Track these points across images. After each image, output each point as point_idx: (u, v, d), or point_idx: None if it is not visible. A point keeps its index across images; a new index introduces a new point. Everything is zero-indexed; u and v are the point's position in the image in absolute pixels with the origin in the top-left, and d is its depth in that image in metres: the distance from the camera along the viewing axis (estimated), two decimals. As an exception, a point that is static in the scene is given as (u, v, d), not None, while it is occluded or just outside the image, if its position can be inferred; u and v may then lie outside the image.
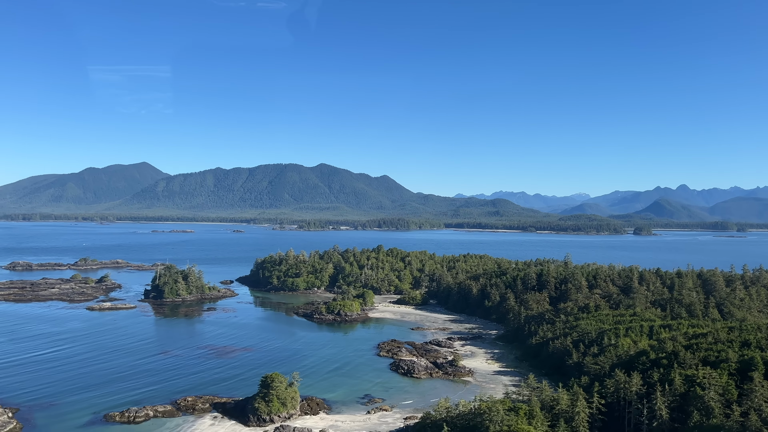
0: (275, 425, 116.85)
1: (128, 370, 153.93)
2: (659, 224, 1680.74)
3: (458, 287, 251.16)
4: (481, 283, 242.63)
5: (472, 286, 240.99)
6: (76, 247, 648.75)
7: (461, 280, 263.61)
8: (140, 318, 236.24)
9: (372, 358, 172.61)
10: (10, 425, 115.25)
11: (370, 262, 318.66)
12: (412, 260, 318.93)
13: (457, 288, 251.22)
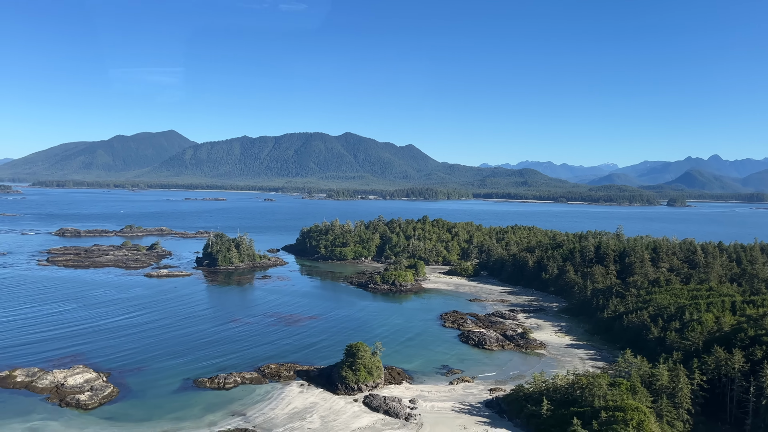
0: (363, 394, 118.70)
1: (206, 338, 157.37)
2: (691, 195, 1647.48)
3: (512, 259, 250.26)
4: (536, 256, 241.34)
5: (528, 259, 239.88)
6: (114, 214, 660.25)
7: (515, 252, 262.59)
8: (199, 285, 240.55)
9: (438, 329, 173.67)
10: (108, 389, 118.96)
11: (417, 232, 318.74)
12: (459, 231, 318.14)
13: (511, 260, 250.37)
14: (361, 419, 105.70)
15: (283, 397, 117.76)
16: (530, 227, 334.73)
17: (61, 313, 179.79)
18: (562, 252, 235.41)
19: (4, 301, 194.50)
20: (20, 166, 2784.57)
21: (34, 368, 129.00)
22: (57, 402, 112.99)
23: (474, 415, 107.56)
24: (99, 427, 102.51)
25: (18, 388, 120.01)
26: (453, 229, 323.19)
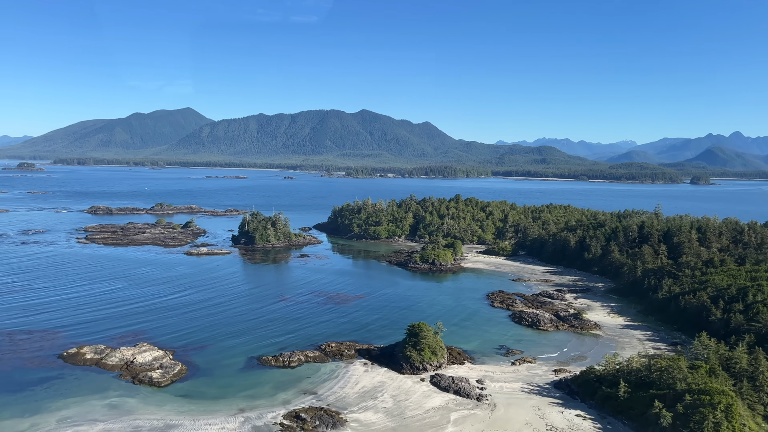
0: (429, 373, 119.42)
1: (262, 316, 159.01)
2: (713, 173, 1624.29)
3: (553, 239, 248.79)
4: (578, 235, 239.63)
5: (570, 238, 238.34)
6: (140, 192, 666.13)
7: (555, 232, 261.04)
8: (240, 264, 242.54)
9: (488, 309, 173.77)
10: (177, 367, 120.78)
11: (450, 211, 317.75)
12: (494, 210, 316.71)
13: (552, 239, 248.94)
14: (432, 399, 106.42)
15: (350, 375, 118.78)
16: (566, 206, 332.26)
17: (114, 291, 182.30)
18: (604, 231, 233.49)
19: (57, 279, 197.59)
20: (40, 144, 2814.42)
21: (100, 345, 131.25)
22: (130, 379, 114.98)
23: (545, 396, 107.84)
24: (176, 404, 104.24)
25: (88, 365, 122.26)
26: (487, 208, 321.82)
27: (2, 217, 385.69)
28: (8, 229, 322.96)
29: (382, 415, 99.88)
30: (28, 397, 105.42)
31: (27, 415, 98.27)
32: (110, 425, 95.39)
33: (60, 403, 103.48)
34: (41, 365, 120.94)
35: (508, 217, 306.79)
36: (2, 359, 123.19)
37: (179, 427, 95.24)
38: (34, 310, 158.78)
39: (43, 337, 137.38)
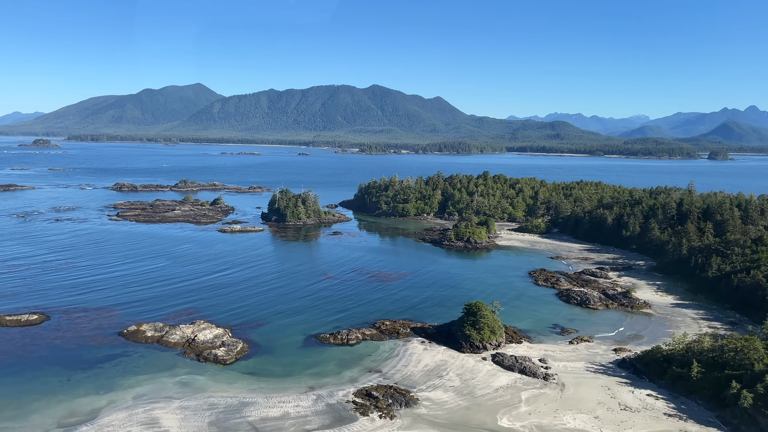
0: (489, 352, 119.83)
1: (310, 294, 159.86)
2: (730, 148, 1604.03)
3: (589, 216, 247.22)
4: (615, 213, 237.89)
5: (607, 216, 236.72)
6: (159, 169, 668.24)
7: (589, 209, 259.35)
8: (275, 241, 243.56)
9: (533, 287, 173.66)
10: (239, 345, 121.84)
11: (479, 188, 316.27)
12: (524, 187, 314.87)
13: (587, 217, 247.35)
14: (499, 378, 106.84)
15: (410, 354, 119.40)
16: (597, 183, 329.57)
17: (160, 269, 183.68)
18: (641, 209, 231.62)
19: (100, 256, 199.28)
20: (52, 120, 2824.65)
21: (158, 323, 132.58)
22: (194, 357, 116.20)
23: (611, 376, 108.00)
24: (245, 382, 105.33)
25: (150, 342, 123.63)
26: (516, 185, 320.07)
27: (30, 194, 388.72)
28: (39, 206, 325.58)
29: (452, 394, 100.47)
30: (99, 375, 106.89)
31: (102, 392, 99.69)
32: (185, 402, 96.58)
33: (132, 380, 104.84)
34: (104, 343, 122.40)
35: (538, 194, 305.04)
36: (65, 337, 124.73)
37: (254, 404, 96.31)
38: (85, 288, 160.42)
39: (99, 315, 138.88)
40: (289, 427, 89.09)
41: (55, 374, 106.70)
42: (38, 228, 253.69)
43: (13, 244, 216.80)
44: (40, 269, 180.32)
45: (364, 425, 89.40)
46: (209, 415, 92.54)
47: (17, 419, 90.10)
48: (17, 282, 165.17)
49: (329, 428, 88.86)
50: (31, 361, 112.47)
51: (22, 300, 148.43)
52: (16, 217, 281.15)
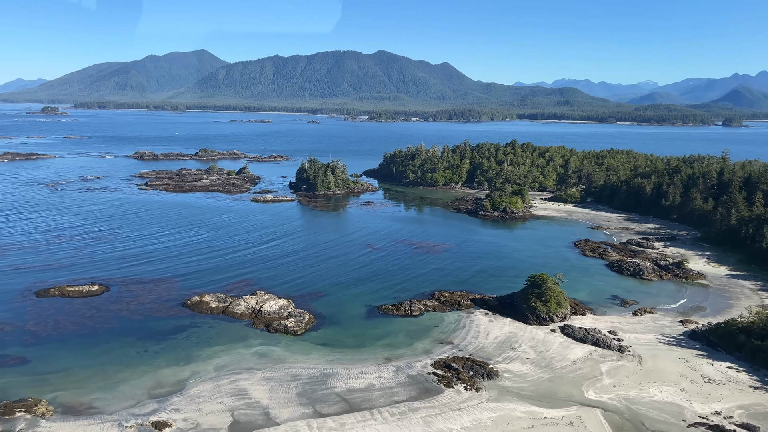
0: (556, 324, 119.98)
1: (362, 265, 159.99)
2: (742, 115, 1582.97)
3: (626, 185, 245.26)
4: (653, 182, 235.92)
5: (645, 185, 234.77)
6: (172, 137, 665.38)
7: (625, 178, 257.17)
8: (310, 211, 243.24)
9: (580, 258, 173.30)
10: (305, 315, 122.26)
11: (508, 157, 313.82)
12: (554, 155, 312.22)
13: (624, 186, 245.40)
14: (573, 350, 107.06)
15: (477, 326, 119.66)
16: (628, 151, 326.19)
17: (205, 240, 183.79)
18: (681, 178, 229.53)
19: (142, 227, 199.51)
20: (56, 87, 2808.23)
21: (220, 294, 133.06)
22: (263, 328, 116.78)
23: (685, 348, 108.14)
24: (321, 353, 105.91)
25: (215, 313, 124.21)
26: (546, 154, 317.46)
27: (52, 162, 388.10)
28: (65, 175, 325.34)
29: (531, 366, 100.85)
30: (174, 346, 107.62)
31: (183, 363, 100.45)
32: (268, 374, 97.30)
33: (208, 351, 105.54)
34: (170, 314, 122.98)
35: (569, 162, 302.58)
36: (129, 308, 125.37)
37: (335, 376, 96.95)
38: (137, 260, 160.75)
39: (157, 287, 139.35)
40: (378, 398, 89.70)
41: (130, 345, 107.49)
42: (72, 198, 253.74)
43: (52, 214, 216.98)
44: (86, 240, 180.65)
45: (452, 397, 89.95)
46: (295, 386, 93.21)
47: (106, 390, 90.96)
48: (67, 253, 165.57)
49: (417, 400, 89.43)
50: (104, 331, 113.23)
51: (76, 271, 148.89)
52: (46, 187, 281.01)
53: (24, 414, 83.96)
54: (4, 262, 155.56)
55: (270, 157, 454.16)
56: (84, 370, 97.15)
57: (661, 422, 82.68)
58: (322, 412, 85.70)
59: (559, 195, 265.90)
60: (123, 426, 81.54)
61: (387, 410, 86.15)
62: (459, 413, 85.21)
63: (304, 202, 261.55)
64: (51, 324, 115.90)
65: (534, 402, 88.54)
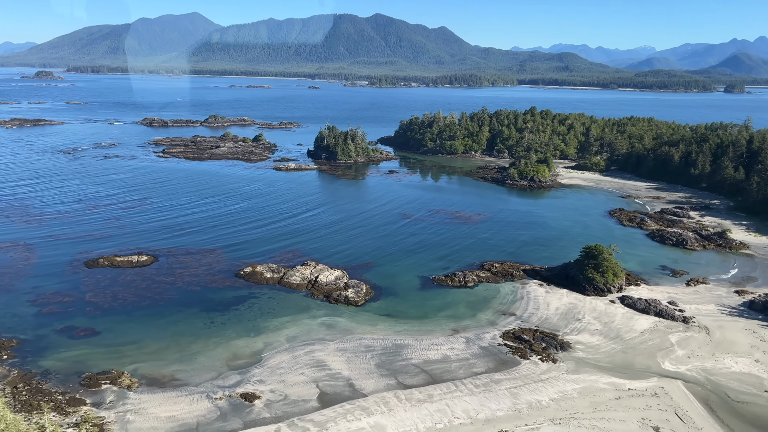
0: (615, 295, 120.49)
1: (403, 236, 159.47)
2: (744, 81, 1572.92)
3: (653, 154, 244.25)
4: (681, 150, 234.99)
5: (673, 153, 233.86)
6: (173, 103, 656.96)
7: (651, 146, 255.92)
8: (335, 180, 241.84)
9: (619, 227, 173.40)
10: (363, 286, 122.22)
11: (528, 125, 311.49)
12: (574, 123, 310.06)
13: (652, 154, 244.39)
14: (638, 322, 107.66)
15: (534, 296, 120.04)
16: (649, 119, 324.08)
17: (241, 210, 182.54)
18: (709, 146, 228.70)
19: (172, 197, 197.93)
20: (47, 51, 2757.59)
21: (272, 264, 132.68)
22: (323, 298, 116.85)
23: (748, 319, 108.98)
24: (387, 324, 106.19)
25: (271, 284, 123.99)
26: (566, 121, 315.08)
27: (61, 129, 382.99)
28: (79, 142, 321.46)
29: (600, 338, 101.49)
30: (239, 316, 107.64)
31: (253, 334, 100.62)
32: (340, 345, 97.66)
33: (274, 322, 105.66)
34: (225, 284, 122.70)
35: (590, 130, 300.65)
36: (184, 279, 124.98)
37: (408, 347, 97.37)
38: (178, 230, 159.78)
39: (205, 257, 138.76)
40: (456, 369, 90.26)
41: (194, 316, 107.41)
42: (93, 165, 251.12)
43: (79, 183, 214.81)
44: (120, 210, 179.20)
45: (530, 369, 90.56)
46: (371, 357, 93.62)
47: (184, 362, 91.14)
48: (104, 223, 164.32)
49: (496, 372, 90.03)
50: (164, 303, 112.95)
51: (119, 241, 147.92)
52: (63, 154, 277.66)
53: (110, 386, 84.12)
54: (43, 232, 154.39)
55: (280, 124, 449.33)
56: (156, 342, 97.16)
57: (745, 393, 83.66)
58: (405, 384, 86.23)
59: (584, 163, 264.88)
60: (211, 398, 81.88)
61: (470, 382, 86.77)
62: (542, 385, 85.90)
63: (326, 171, 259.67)
64: (110, 295, 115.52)
65: (613, 373, 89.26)
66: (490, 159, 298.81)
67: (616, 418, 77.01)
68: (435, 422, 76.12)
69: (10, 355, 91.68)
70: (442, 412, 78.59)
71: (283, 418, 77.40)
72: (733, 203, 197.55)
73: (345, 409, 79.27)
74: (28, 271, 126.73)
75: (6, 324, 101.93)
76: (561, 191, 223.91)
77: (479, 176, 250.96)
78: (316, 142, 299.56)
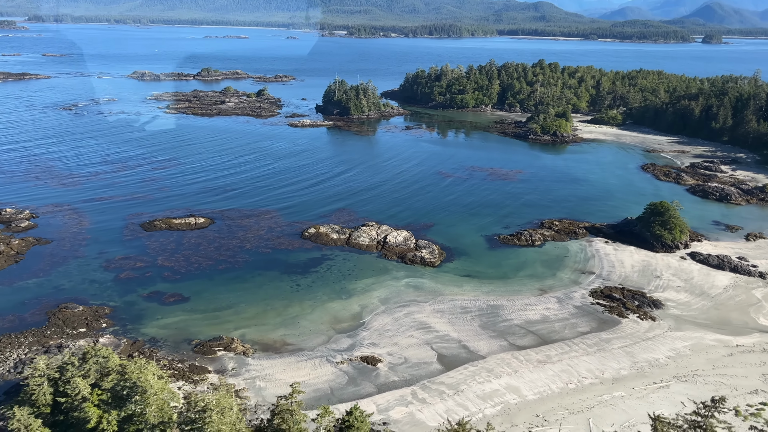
0: (682, 252, 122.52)
1: (449, 194, 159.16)
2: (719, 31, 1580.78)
3: (673, 107, 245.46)
4: (701, 103, 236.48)
5: (694, 107, 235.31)
6: (152, 55, 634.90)
7: (668, 100, 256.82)
8: (355, 137, 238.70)
9: (657, 182, 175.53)
10: (434, 247, 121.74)
11: (539, 78, 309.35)
12: (584, 76, 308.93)
13: (671, 108, 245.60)
14: (716, 278, 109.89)
15: (604, 254, 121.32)
16: (658, 71, 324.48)
17: (278, 171, 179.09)
18: (729, 99, 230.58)
19: (203, 157, 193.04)
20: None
21: (334, 225, 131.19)
22: (397, 259, 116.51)
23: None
24: (472, 284, 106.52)
25: (339, 245, 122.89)
26: (576, 74, 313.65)
27: (51, 83, 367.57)
28: (75, 97, 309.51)
29: (687, 294, 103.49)
30: (323, 278, 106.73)
31: (344, 297, 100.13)
32: (435, 306, 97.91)
33: (360, 284, 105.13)
34: (294, 246, 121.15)
35: (601, 83, 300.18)
36: (250, 241, 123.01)
37: (502, 308, 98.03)
38: (220, 192, 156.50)
39: (261, 218, 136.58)
40: (561, 330, 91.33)
41: (277, 279, 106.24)
42: (102, 123, 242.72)
43: (96, 142, 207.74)
44: (153, 170, 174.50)
45: (633, 327, 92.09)
46: (471, 318, 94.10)
47: (289, 326, 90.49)
48: (141, 185, 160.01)
49: (601, 331, 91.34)
50: (241, 266, 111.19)
51: (165, 204, 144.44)
52: (64, 110, 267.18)
53: (225, 353, 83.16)
54: (84, 195, 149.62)
55: (276, 77, 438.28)
56: (251, 307, 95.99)
57: None
58: (517, 345, 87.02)
59: (600, 117, 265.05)
60: (332, 362, 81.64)
61: (580, 341, 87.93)
62: (652, 343, 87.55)
63: (342, 127, 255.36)
64: (182, 259, 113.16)
65: (715, 330, 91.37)
66: (502, 113, 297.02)
67: (738, 374, 79.16)
68: (565, 382, 77.25)
69: (109, 323, 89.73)
70: (567, 372, 79.69)
71: (412, 381, 77.67)
72: (759, 157, 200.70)
73: (470, 372, 79.80)
74: (86, 236, 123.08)
75: (89, 291, 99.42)
76: (585, 146, 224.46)
77: (499, 131, 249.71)
78: (325, 97, 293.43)
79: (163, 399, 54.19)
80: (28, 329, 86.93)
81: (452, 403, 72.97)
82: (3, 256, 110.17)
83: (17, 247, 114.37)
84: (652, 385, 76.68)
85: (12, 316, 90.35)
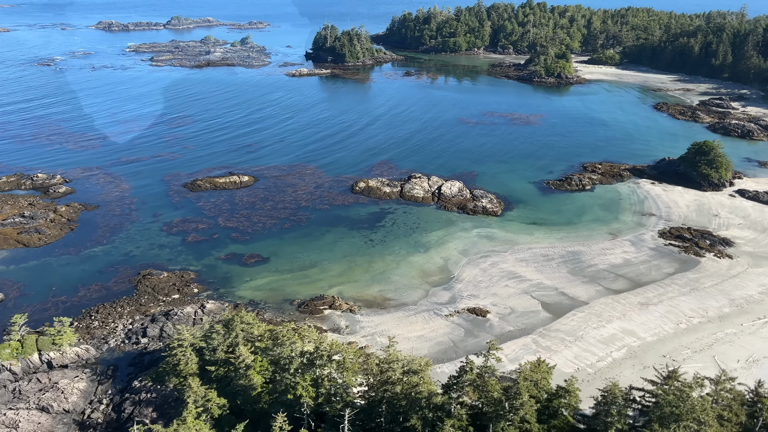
0: (729, 189, 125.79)
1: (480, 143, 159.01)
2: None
3: (671, 45, 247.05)
4: (700, 41, 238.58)
5: (693, 44, 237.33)
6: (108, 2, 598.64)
7: (664, 38, 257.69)
8: (358, 84, 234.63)
9: (674, 122, 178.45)
10: (491, 196, 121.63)
11: (530, 18, 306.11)
12: (575, 15, 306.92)
13: (670, 46, 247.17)
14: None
15: (655, 195, 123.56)
16: (647, 9, 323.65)
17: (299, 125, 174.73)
18: (727, 36, 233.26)
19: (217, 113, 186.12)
20: None
21: (382, 179, 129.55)
22: (459, 210, 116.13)
23: None
24: (543, 232, 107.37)
25: (393, 198, 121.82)
26: (566, 14, 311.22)
27: (13, 36, 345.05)
28: (49, 52, 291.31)
29: (751, 231, 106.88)
30: (392, 233, 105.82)
31: (422, 251, 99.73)
32: (516, 255, 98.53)
33: (431, 236, 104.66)
34: (348, 201, 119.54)
35: (592, 22, 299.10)
36: (302, 198, 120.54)
37: (582, 253, 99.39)
38: (251, 149, 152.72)
39: (303, 175, 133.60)
40: (648, 272, 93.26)
41: (347, 235, 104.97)
42: (92, 79, 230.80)
43: (98, 100, 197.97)
44: (169, 128, 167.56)
45: (715, 266, 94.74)
46: (556, 265, 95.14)
47: (381, 282, 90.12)
48: (166, 144, 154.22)
49: (686, 271, 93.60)
50: (306, 223, 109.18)
51: (199, 163, 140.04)
52: (44, 66, 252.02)
53: (332, 311, 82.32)
54: (109, 157, 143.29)
55: (250, 24, 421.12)
56: (335, 264, 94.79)
57: None
58: (612, 289, 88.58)
59: (598, 57, 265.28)
60: (441, 315, 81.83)
61: (671, 282, 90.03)
62: (739, 280, 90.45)
63: (340, 75, 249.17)
64: (243, 219, 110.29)
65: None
66: (496, 56, 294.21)
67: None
68: (675, 323, 79.40)
69: (201, 288, 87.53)
70: (672, 313, 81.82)
71: (528, 331, 78.56)
72: (763, 93, 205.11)
73: (580, 318, 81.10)
74: (132, 199, 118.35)
75: (162, 256, 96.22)
76: (590, 87, 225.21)
77: (501, 74, 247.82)
78: (315, 44, 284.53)
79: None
80: (118, 298, 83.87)
81: (577, 349, 74.26)
82: (56, 224, 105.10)
83: (66, 214, 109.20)
84: (758, 320, 79.60)
85: (97, 285, 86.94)
